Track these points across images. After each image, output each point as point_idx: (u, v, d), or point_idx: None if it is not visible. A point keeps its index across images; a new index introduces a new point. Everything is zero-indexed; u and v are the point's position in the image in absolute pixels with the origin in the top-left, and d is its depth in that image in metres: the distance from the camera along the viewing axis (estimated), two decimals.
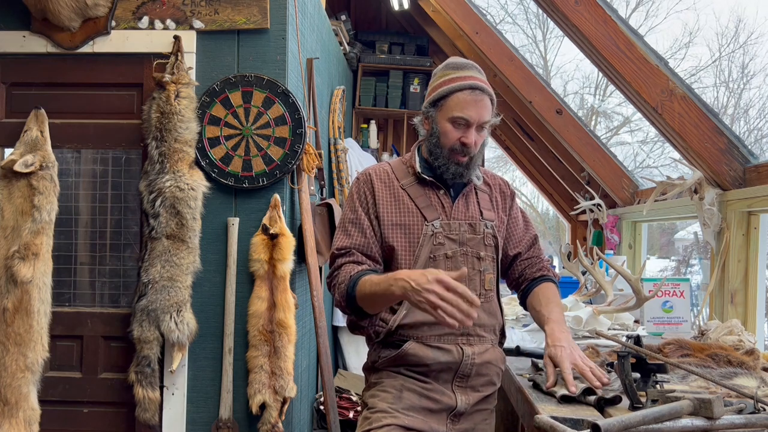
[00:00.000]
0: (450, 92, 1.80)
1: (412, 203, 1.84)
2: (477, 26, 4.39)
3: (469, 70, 1.84)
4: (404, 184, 1.87)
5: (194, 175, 2.74)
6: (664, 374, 1.61)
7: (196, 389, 2.83)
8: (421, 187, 1.86)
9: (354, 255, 1.81)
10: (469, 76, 1.82)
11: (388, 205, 1.84)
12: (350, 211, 1.87)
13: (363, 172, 1.93)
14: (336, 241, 1.87)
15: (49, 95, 2.90)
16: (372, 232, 1.83)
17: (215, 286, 2.84)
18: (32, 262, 2.57)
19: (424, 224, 1.81)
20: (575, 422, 1.37)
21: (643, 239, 4.28)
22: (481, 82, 1.81)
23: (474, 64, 1.88)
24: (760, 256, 2.61)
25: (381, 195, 1.85)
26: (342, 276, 1.78)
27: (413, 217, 1.82)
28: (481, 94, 1.79)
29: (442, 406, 1.77)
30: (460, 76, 1.82)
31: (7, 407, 2.52)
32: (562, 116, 4.24)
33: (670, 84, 2.67)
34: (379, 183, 1.87)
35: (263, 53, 2.84)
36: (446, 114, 1.81)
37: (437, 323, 1.77)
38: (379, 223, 1.83)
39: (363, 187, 1.88)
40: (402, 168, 1.91)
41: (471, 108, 1.78)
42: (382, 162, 2.00)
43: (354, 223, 1.85)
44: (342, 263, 1.81)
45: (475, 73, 1.84)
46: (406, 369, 1.80)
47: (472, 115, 1.78)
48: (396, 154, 5.64)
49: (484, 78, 1.86)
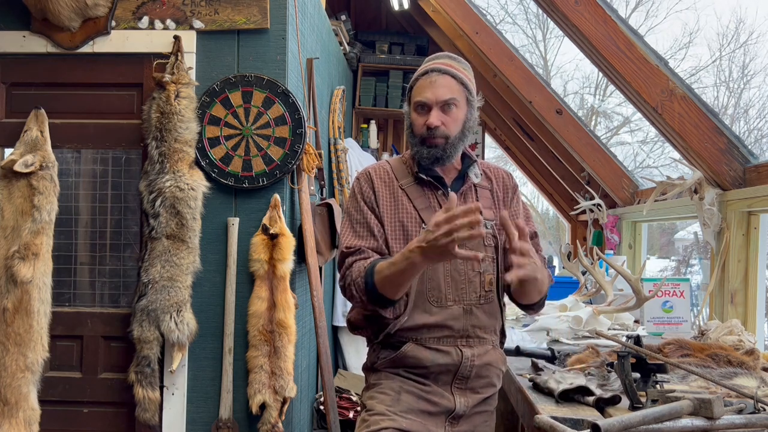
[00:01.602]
0: (413, 83, 1.84)
1: (411, 205, 1.82)
2: (477, 26, 4.39)
3: (436, 59, 1.86)
4: (403, 184, 1.85)
5: (194, 175, 2.74)
6: (664, 374, 1.61)
7: (196, 389, 2.83)
8: (420, 188, 1.85)
9: (365, 253, 1.78)
10: (430, 64, 1.84)
11: (388, 205, 1.83)
12: (355, 211, 1.85)
13: (363, 171, 1.92)
14: (344, 239, 1.84)
15: (49, 95, 2.90)
16: (380, 232, 1.81)
17: (215, 286, 2.84)
18: (32, 262, 2.57)
19: (422, 227, 1.78)
20: (575, 422, 1.37)
21: (643, 239, 4.28)
22: (439, 65, 1.82)
23: (447, 54, 1.89)
24: (760, 256, 2.61)
25: (381, 195, 1.84)
26: (355, 272, 1.75)
27: (411, 219, 1.81)
28: (436, 75, 1.80)
29: (440, 408, 1.76)
30: (424, 66, 1.85)
31: (7, 407, 2.52)
32: (562, 116, 4.23)
33: (670, 84, 2.67)
34: (379, 182, 1.86)
35: (263, 53, 2.84)
36: (412, 104, 1.83)
37: (436, 325, 1.77)
38: (381, 224, 1.82)
39: (365, 185, 1.87)
40: (401, 167, 1.89)
41: (426, 90, 1.79)
42: (381, 161, 1.99)
43: (362, 223, 1.82)
44: (353, 261, 1.78)
45: (441, 60, 1.85)
46: (405, 371, 1.79)
47: (429, 96, 1.78)
48: (396, 154, 5.65)
49: (458, 63, 1.85)
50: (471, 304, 1.78)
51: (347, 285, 1.78)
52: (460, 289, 1.78)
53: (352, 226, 1.84)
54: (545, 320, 2.56)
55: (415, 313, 1.76)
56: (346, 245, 1.82)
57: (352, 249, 1.80)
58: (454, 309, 1.77)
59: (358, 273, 1.74)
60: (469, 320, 1.78)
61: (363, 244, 1.80)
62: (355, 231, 1.83)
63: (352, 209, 1.87)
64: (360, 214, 1.84)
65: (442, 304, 1.76)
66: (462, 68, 1.85)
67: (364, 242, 1.80)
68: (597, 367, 1.80)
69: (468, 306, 1.78)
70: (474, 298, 1.78)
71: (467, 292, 1.78)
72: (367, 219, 1.82)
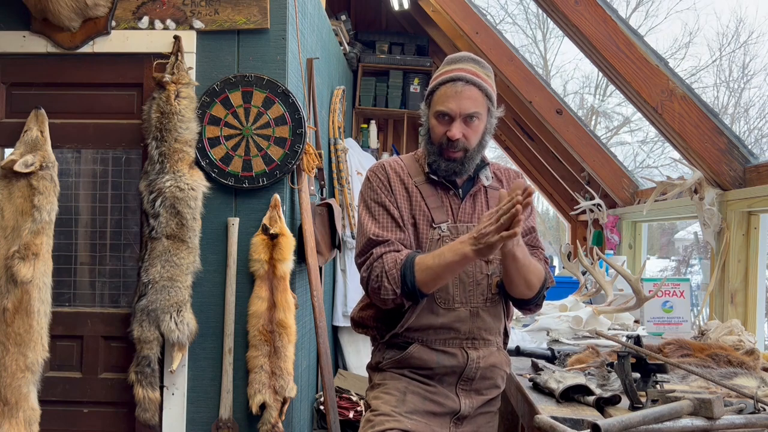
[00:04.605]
0: (435, 88, 1.77)
1: (423, 202, 1.80)
2: (477, 26, 4.38)
3: (461, 63, 1.78)
4: (417, 181, 1.83)
5: (194, 175, 2.74)
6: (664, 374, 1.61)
7: (196, 389, 2.83)
8: (432, 187, 1.83)
9: (394, 245, 1.75)
10: (456, 69, 1.76)
11: (403, 200, 1.81)
12: (374, 201, 1.81)
13: (378, 164, 1.88)
14: (367, 227, 1.78)
15: (49, 95, 2.90)
16: (403, 222, 1.78)
17: (215, 286, 2.84)
18: (32, 262, 2.57)
19: (432, 227, 1.77)
20: (575, 422, 1.37)
21: (643, 239, 4.28)
22: (466, 73, 1.74)
23: (471, 57, 1.81)
24: (760, 256, 2.61)
25: (397, 188, 1.82)
26: (389, 263, 1.71)
27: (423, 217, 1.79)
28: (463, 85, 1.73)
29: (445, 409, 1.77)
30: (449, 70, 1.77)
31: (7, 407, 2.52)
32: (562, 116, 4.23)
33: (670, 84, 2.67)
34: (394, 175, 1.83)
35: (263, 53, 2.84)
36: (432, 109, 1.78)
37: (443, 327, 1.76)
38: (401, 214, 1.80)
39: (382, 177, 1.83)
40: (414, 165, 1.87)
41: (451, 100, 1.73)
42: (392, 157, 1.94)
43: (384, 214, 1.79)
44: (382, 252, 1.73)
45: (467, 65, 1.77)
46: (410, 371, 1.79)
47: (453, 107, 1.73)
48: (396, 154, 5.64)
49: (482, 70, 1.78)
50: (477, 307, 1.77)
51: (377, 275, 1.72)
52: (467, 291, 1.77)
53: (373, 216, 1.80)
54: (545, 320, 2.56)
55: (422, 313, 1.76)
56: (373, 233, 1.76)
57: (379, 239, 1.75)
58: (461, 311, 1.76)
59: (393, 264, 1.70)
60: (475, 323, 1.77)
61: (390, 236, 1.76)
62: (378, 221, 1.79)
63: (371, 200, 1.82)
64: (381, 205, 1.80)
65: (449, 306, 1.76)
66: (486, 75, 1.79)
67: (391, 233, 1.77)
68: (597, 367, 1.80)
69: (475, 308, 1.77)
70: (481, 300, 1.78)
71: (474, 294, 1.77)
72: (388, 209, 1.79)
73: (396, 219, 1.79)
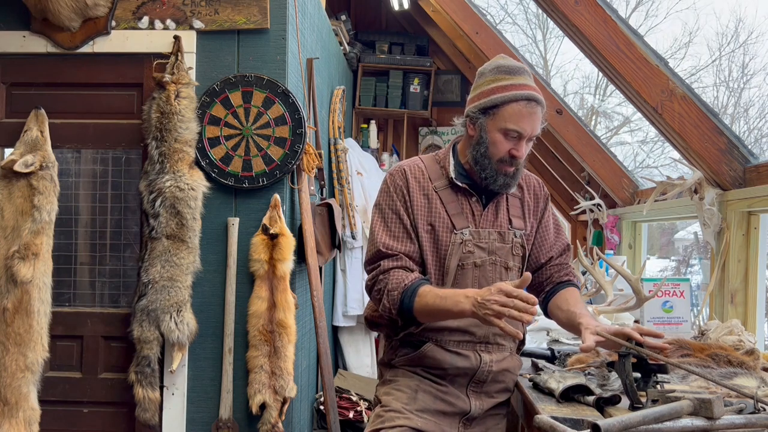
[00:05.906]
0: (504, 102, 1.71)
1: (443, 209, 1.79)
2: (477, 26, 4.38)
3: (522, 77, 1.74)
4: (437, 186, 1.81)
5: (194, 175, 2.74)
6: (665, 374, 1.61)
7: (196, 389, 2.83)
8: (454, 192, 1.81)
9: (403, 260, 1.76)
10: (523, 85, 1.72)
11: (421, 207, 1.80)
12: (390, 209, 1.80)
13: (398, 167, 1.86)
14: (378, 237, 1.78)
15: (49, 95, 2.90)
16: (416, 235, 1.78)
17: (215, 286, 2.84)
18: (32, 262, 2.57)
19: (453, 232, 1.76)
20: (575, 422, 1.37)
21: (643, 239, 4.28)
22: (535, 92, 1.73)
23: (525, 69, 1.77)
24: (760, 256, 2.60)
25: (415, 195, 1.80)
26: (393, 282, 1.72)
27: (442, 223, 1.78)
28: (535, 106, 1.71)
29: (455, 409, 1.78)
30: (514, 83, 1.72)
31: (7, 407, 2.52)
32: (562, 116, 4.23)
33: (670, 84, 2.67)
34: (413, 181, 1.81)
35: (263, 53, 2.84)
36: (498, 124, 1.72)
37: (458, 330, 1.77)
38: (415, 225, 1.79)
39: (399, 183, 1.82)
40: (435, 168, 1.84)
41: (526, 121, 1.70)
42: (414, 158, 1.92)
43: (397, 223, 1.78)
44: (390, 267, 1.75)
45: (528, 80, 1.75)
46: (423, 370, 1.80)
47: (527, 128, 1.71)
48: (396, 153, 5.64)
49: (534, 83, 1.77)
50: None
51: (380, 290, 1.75)
52: None
53: (386, 224, 1.79)
54: (545, 320, 2.55)
55: None
56: (384, 245, 1.77)
57: (390, 252, 1.76)
58: None
59: (396, 285, 1.71)
60: (490, 327, 1.76)
61: (400, 248, 1.76)
62: (390, 230, 1.78)
63: (386, 207, 1.81)
64: (395, 213, 1.79)
65: None
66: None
67: (401, 245, 1.77)
68: (597, 367, 1.79)
69: None
70: None
71: None
72: (402, 218, 1.78)
73: (408, 230, 1.78)
